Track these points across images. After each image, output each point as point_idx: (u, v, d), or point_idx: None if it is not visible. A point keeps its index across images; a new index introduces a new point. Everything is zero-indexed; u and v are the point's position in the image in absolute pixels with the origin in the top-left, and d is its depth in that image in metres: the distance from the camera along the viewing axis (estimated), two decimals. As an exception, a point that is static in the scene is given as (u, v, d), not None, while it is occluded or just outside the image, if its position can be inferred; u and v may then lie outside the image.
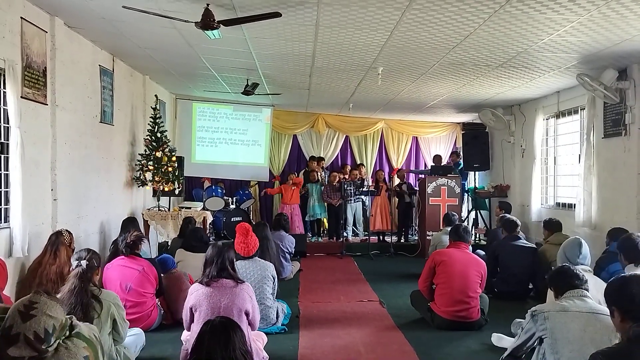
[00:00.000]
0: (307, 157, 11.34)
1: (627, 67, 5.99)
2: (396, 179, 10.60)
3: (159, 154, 7.50)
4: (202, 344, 2.40)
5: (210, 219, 8.31)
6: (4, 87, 4.36)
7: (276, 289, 4.97)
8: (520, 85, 7.34)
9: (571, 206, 7.29)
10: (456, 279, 4.76)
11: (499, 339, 4.34)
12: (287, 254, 7.25)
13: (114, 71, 6.83)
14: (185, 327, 3.81)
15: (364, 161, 11.48)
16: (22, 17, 4.60)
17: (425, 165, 11.61)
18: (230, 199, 9.80)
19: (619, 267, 4.14)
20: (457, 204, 9.14)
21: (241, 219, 8.73)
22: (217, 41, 5.35)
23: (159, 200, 7.80)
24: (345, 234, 9.76)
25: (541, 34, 4.88)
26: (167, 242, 7.76)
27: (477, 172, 10.63)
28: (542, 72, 6.49)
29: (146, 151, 7.57)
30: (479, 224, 9.59)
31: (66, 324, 2.12)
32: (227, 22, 4.38)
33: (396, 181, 10.52)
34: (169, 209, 7.95)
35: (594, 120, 6.57)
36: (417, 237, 9.82)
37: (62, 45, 5.27)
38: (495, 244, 6.51)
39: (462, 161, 10.50)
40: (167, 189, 7.69)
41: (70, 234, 4.71)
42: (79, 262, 3.39)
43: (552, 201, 8.21)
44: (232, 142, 10.68)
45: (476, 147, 10.09)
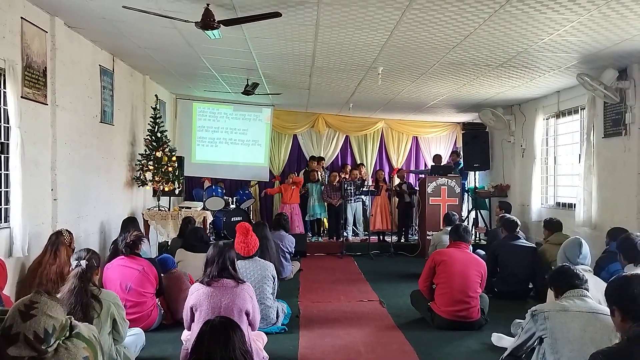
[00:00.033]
0: (307, 157, 11.33)
1: (627, 66, 5.99)
2: (396, 178, 10.60)
3: (159, 154, 7.50)
4: (202, 344, 2.40)
5: (210, 219, 8.31)
6: (4, 87, 4.36)
7: (276, 288, 4.97)
8: (520, 85, 7.34)
9: (571, 206, 7.29)
10: (456, 278, 4.76)
11: (499, 339, 4.34)
12: (287, 253, 7.24)
13: (114, 71, 6.83)
14: (185, 326, 3.81)
15: (364, 161, 11.47)
16: (22, 17, 4.60)
17: (425, 165, 11.61)
18: (230, 198, 9.80)
19: (619, 267, 4.14)
20: (457, 203, 9.14)
21: (241, 219, 8.71)
22: (217, 41, 5.35)
23: (159, 200, 7.80)
24: (345, 234, 9.76)
25: (541, 34, 4.88)
26: (167, 242, 7.76)
27: (477, 172, 10.63)
28: (542, 71, 6.49)
29: (146, 151, 7.57)
30: (479, 224, 9.59)
31: (66, 324, 2.12)
32: (227, 22, 4.38)
33: (396, 181, 10.52)
34: (169, 209, 7.95)
35: (594, 120, 6.57)
36: (417, 237, 9.83)
37: (62, 45, 5.27)
38: (495, 243, 6.51)
39: (462, 161, 10.49)
40: (167, 189, 7.70)
41: (70, 234, 4.71)
42: (78, 262, 3.39)
43: (552, 201, 8.21)
44: (232, 142, 10.68)
45: (476, 147, 10.08)
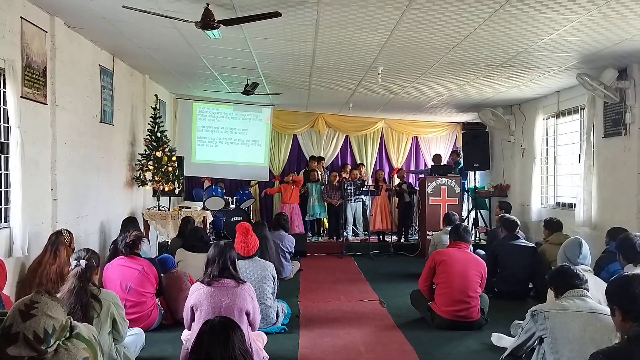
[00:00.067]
0: (307, 157, 11.33)
1: (627, 66, 5.99)
2: (396, 178, 10.60)
3: (159, 154, 7.50)
4: (202, 344, 2.40)
5: (210, 219, 8.30)
6: (4, 87, 4.35)
7: (276, 288, 4.96)
8: (520, 84, 7.33)
9: (571, 206, 7.28)
10: (456, 278, 4.76)
11: (499, 339, 4.34)
12: (287, 253, 7.24)
13: (114, 71, 6.83)
14: (186, 326, 3.81)
15: (364, 161, 11.47)
16: (22, 17, 4.59)
17: (425, 164, 11.60)
18: (230, 198, 9.79)
19: (618, 267, 4.14)
20: (457, 203, 9.14)
21: (241, 219, 8.71)
22: (217, 41, 5.35)
23: (159, 200, 7.80)
24: (345, 234, 9.76)
25: (541, 34, 4.88)
26: (167, 242, 7.76)
27: (477, 172, 10.63)
28: (542, 71, 6.49)
29: (146, 151, 7.57)
30: (479, 224, 9.59)
31: (67, 325, 2.12)
32: (227, 22, 4.38)
33: (396, 181, 10.51)
34: (169, 209, 7.95)
35: (594, 119, 6.57)
36: (417, 237, 9.83)
37: (62, 45, 5.27)
38: (495, 243, 6.51)
39: (462, 161, 10.49)
40: (167, 189, 7.70)
41: (70, 234, 4.71)
42: (78, 261, 3.39)
43: (552, 201, 8.21)
44: (232, 141, 10.67)
45: (476, 147, 10.08)
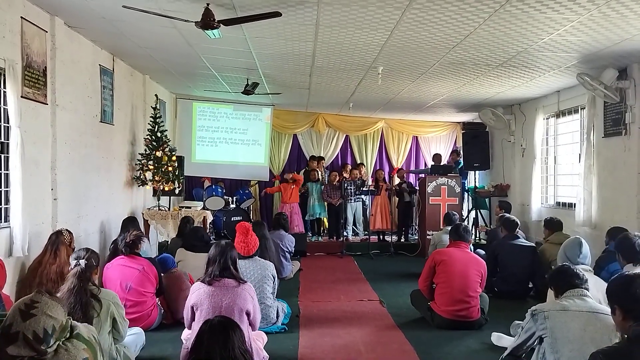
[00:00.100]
0: (307, 157, 11.33)
1: (627, 66, 5.99)
2: (396, 178, 10.60)
3: (159, 154, 7.50)
4: (201, 344, 2.40)
5: (210, 219, 8.30)
6: (4, 87, 4.35)
7: (276, 288, 4.96)
8: (520, 84, 7.33)
9: (571, 205, 7.29)
10: (456, 278, 4.76)
11: (499, 338, 4.34)
12: (287, 253, 7.24)
13: (114, 71, 6.83)
14: (186, 325, 3.81)
15: (364, 161, 11.47)
16: (22, 17, 4.59)
17: (425, 164, 11.60)
18: (230, 198, 9.79)
19: (618, 267, 4.15)
20: (457, 203, 9.14)
21: (241, 219, 8.70)
22: (217, 41, 5.35)
23: (159, 199, 7.80)
24: (345, 234, 9.76)
25: (541, 34, 4.88)
26: (167, 242, 7.76)
27: (477, 172, 10.63)
28: (542, 71, 6.49)
29: (146, 151, 7.57)
30: (479, 223, 9.59)
31: (67, 325, 2.11)
32: (227, 22, 4.38)
33: (396, 180, 10.51)
34: (169, 209, 7.95)
35: (594, 119, 6.57)
36: (417, 237, 9.83)
37: (62, 44, 5.27)
38: (494, 243, 6.51)
39: (462, 160, 10.49)
40: (167, 189, 7.69)
41: (70, 234, 4.71)
42: (77, 261, 3.39)
43: (552, 200, 8.21)
44: (232, 141, 10.68)
45: (476, 147, 10.09)
